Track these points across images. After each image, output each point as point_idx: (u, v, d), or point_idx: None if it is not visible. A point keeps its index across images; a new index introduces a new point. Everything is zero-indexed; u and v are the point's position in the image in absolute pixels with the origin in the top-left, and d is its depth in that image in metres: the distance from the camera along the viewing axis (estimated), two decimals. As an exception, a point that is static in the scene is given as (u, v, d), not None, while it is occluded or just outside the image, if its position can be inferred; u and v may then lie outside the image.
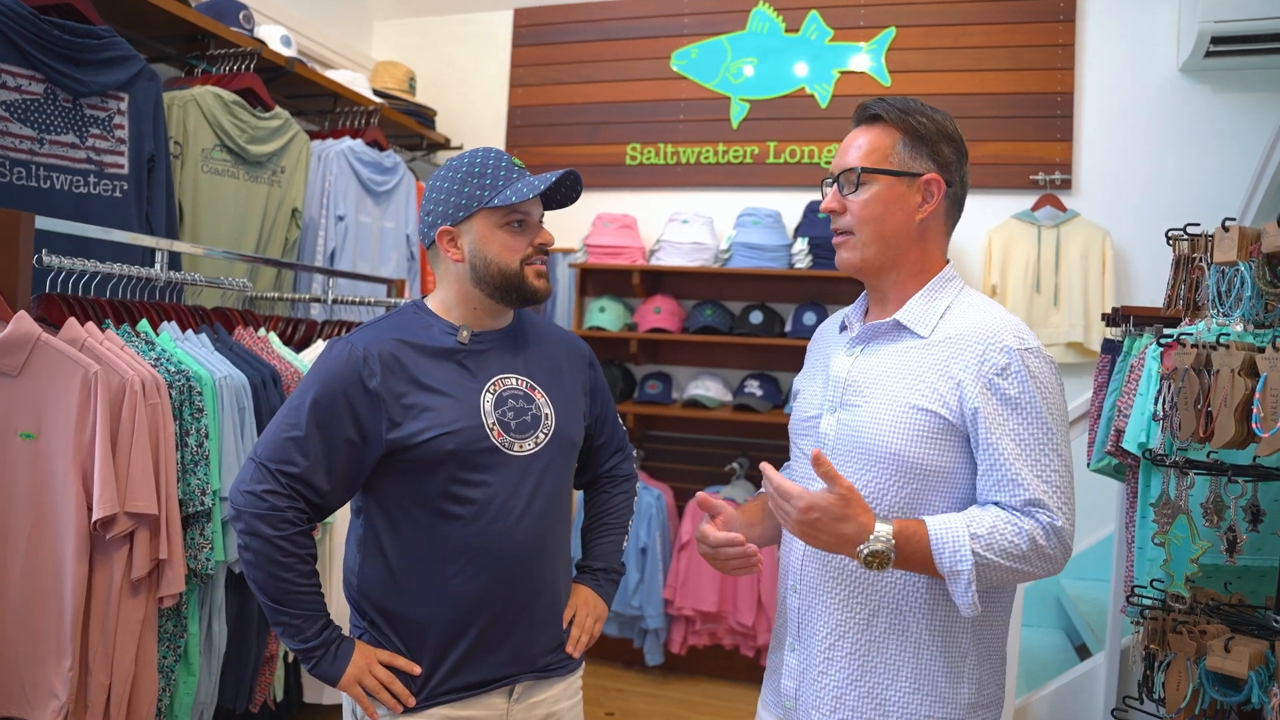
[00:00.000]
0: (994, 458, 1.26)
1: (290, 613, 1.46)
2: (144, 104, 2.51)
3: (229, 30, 2.94)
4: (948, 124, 1.39)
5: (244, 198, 2.92)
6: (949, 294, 1.39)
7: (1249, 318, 1.54)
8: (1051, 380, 1.29)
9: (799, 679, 1.42)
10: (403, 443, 1.46)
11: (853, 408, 1.37)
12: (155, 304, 2.25)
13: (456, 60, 4.52)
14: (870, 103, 1.41)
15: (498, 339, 1.59)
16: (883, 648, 1.33)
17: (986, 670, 1.35)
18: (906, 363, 1.35)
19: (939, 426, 1.29)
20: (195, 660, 2.10)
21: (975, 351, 1.29)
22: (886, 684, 1.32)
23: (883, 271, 1.40)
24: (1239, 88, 3.49)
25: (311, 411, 1.45)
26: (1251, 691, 1.48)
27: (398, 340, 1.52)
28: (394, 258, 3.60)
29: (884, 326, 1.39)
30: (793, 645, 1.43)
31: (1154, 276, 3.54)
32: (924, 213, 1.37)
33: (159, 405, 1.93)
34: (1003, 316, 1.34)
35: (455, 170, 1.54)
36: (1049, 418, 1.27)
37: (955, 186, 1.40)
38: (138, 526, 1.87)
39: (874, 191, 1.36)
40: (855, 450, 1.35)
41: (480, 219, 1.52)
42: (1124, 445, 2.09)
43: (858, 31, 3.96)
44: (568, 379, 1.67)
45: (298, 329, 2.74)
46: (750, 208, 3.92)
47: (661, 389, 4.05)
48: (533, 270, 1.54)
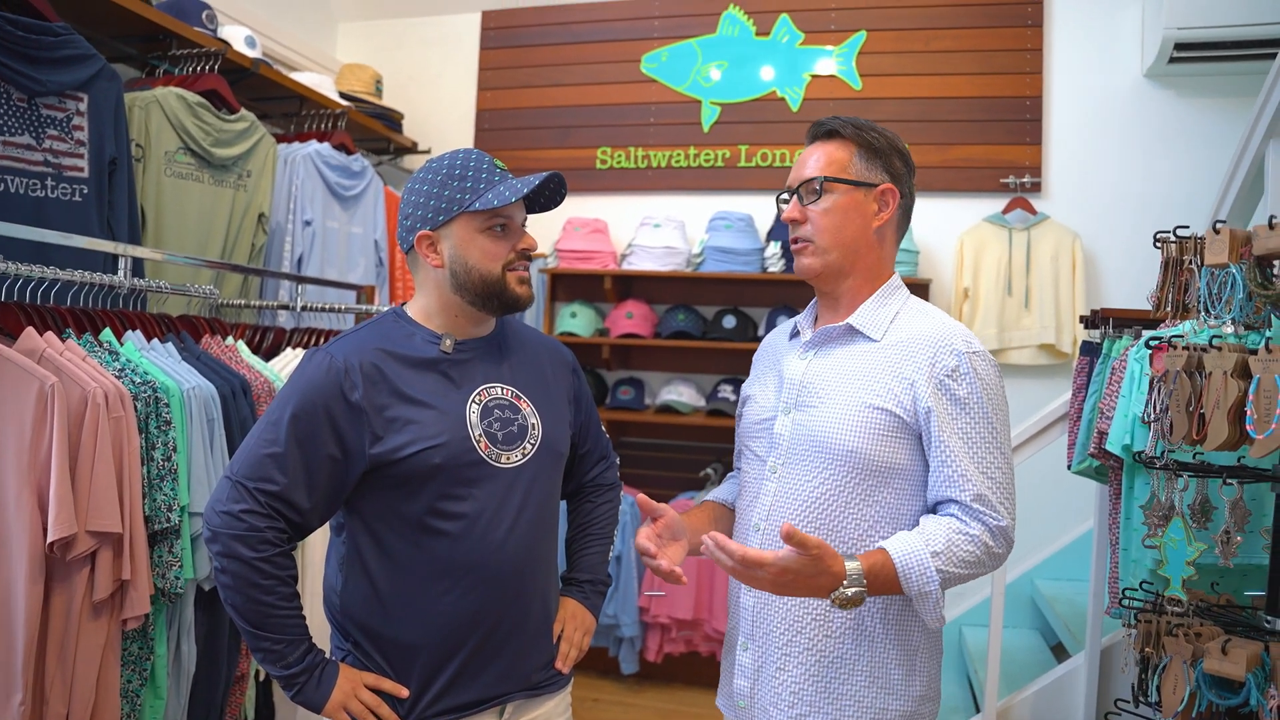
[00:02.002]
0: (944, 455, 1.34)
1: (271, 638, 1.39)
2: (104, 105, 2.42)
3: (191, 30, 2.85)
4: (897, 140, 1.49)
5: (209, 202, 2.83)
6: (897, 300, 1.47)
7: (1239, 320, 1.54)
8: (996, 383, 1.38)
9: (754, 677, 1.43)
10: (386, 457, 1.41)
11: (808, 408, 1.42)
12: (119, 312, 2.16)
13: (423, 63, 4.45)
14: (826, 120, 1.49)
15: (481, 347, 1.54)
16: (839, 643, 1.37)
17: (935, 664, 1.43)
18: (860, 364, 1.41)
19: (894, 425, 1.36)
20: (163, 683, 2.02)
21: (927, 354, 1.37)
22: (844, 678, 1.37)
23: (840, 276, 1.46)
24: (1202, 93, 3.55)
25: (291, 426, 1.39)
26: (1249, 694, 1.48)
27: (379, 350, 1.46)
28: (362, 263, 3.53)
29: (837, 330, 1.45)
30: (745, 644, 1.45)
31: (1123, 278, 3.59)
32: (880, 220, 1.45)
33: (123, 418, 1.84)
34: (949, 322, 1.43)
35: (435, 172, 1.48)
36: (993, 417, 1.36)
37: (906, 197, 1.49)
38: (100, 546, 1.78)
39: (834, 200, 1.43)
40: (811, 448, 1.40)
41: (461, 223, 1.46)
42: (1107, 447, 2.09)
43: (828, 35, 3.97)
44: (553, 387, 1.62)
45: (266, 337, 2.65)
46: (722, 211, 3.91)
47: (634, 395, 4.02)
48: (515, 276, 1.49)
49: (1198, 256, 1.62)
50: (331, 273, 3.33)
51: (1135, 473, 2.05)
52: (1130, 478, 2.07)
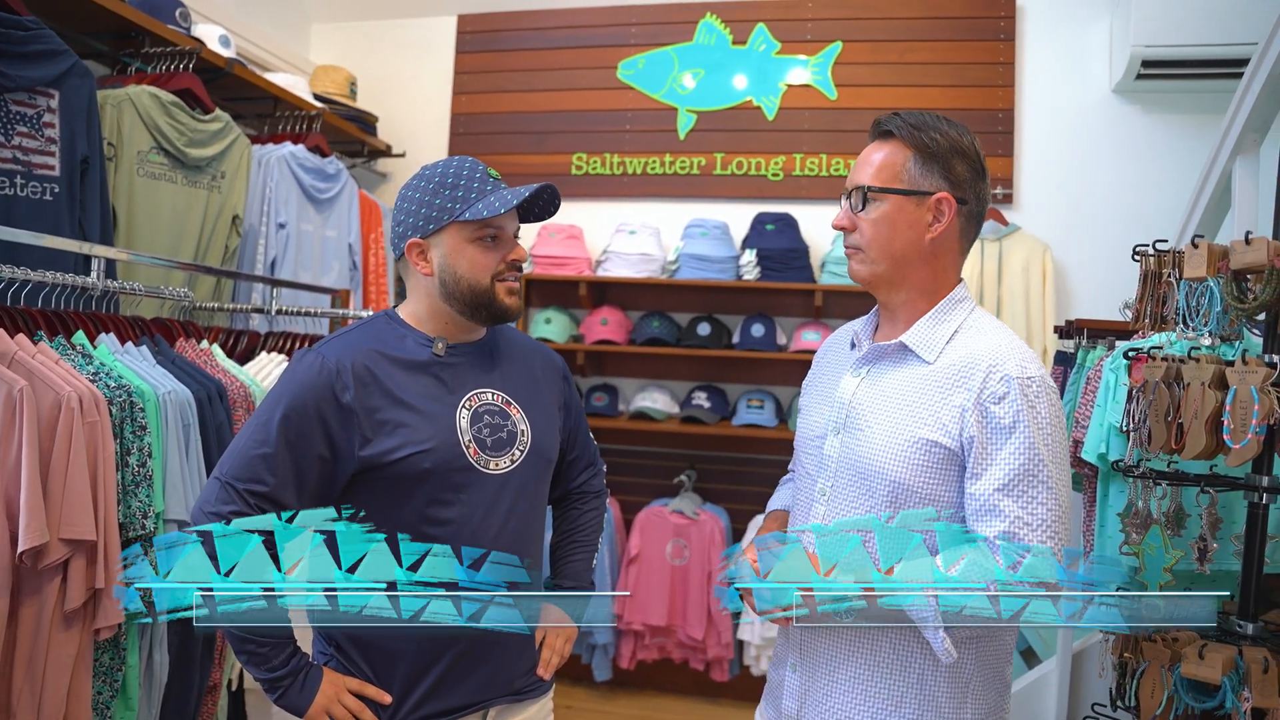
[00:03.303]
0: (977, 485, 1.26)
1: (256, 641, 1.38)
2: (76, 102, 2.37)
3: (165, 28, 2.80)
4: (963, 139, 1.36)
5: (182, 203, 2.78)
6: (958, 315, 1.38)
7: (1216, 332, 1.58)
8: (1049, 411, 1.27)
9: (801, 700, 1.41)
10: (376, 460, 1.40)
11: (856, 430, 1.37)
12: (91, 314, 2.12)
13: (398, 66, 4.42)
14: (884, 118, 1.40)
15: (473, 352, 1.55)
16: (887, 674, 1.33)
17: (994, 693, 1.35)
18: (911, 390, 1.34)
19: (942, 457, 1.29)
20: (134, 694, 1.98)
21: (978, 379, 1.28)
22: (891, 709, 1.32)
23: (892, 288, 1.40)
24: (1169, 109, 3.64)
25: (281, 426, 1.38)
26: (1225, 697, 1.51)
27: (370, 352, 1.46)
28: (336, 267, 3.49)
29: (890, 348, 1.39)
30: (795, 666, 1.43)
31: (1093, 289, 3.65)
32: (934, 232, 1.35)
33: (98, 423, 1.81)
34: (1008, 342, 1.32)
35: (427, 180, 1.49)
36: (1041, 448, 1.24)
37: (970, 204, 1.37)
38: (73, 554, 1.74)
39: (883, 210, 1.35)
40: (855, 475, 1.35)
41: (451, 232, 1.47)
42: (1082, 456, 2.13)
43: (805, 45, 4.00)
44: (543, 393, 1.63)
45: (240, 340, 2.62)
46: (698, 219, 3.92)
47: (608, 401, 4.01)
48: (504, 287, 1.50)
49: (1176, 270, 1.66)
50: (305, 276, 3.29)
51: (1110, 481, 2.09)
52: (1105, 485, 2.11)
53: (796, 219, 3.82)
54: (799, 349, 3.72)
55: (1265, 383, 1.48)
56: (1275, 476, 1.62)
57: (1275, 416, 1.47)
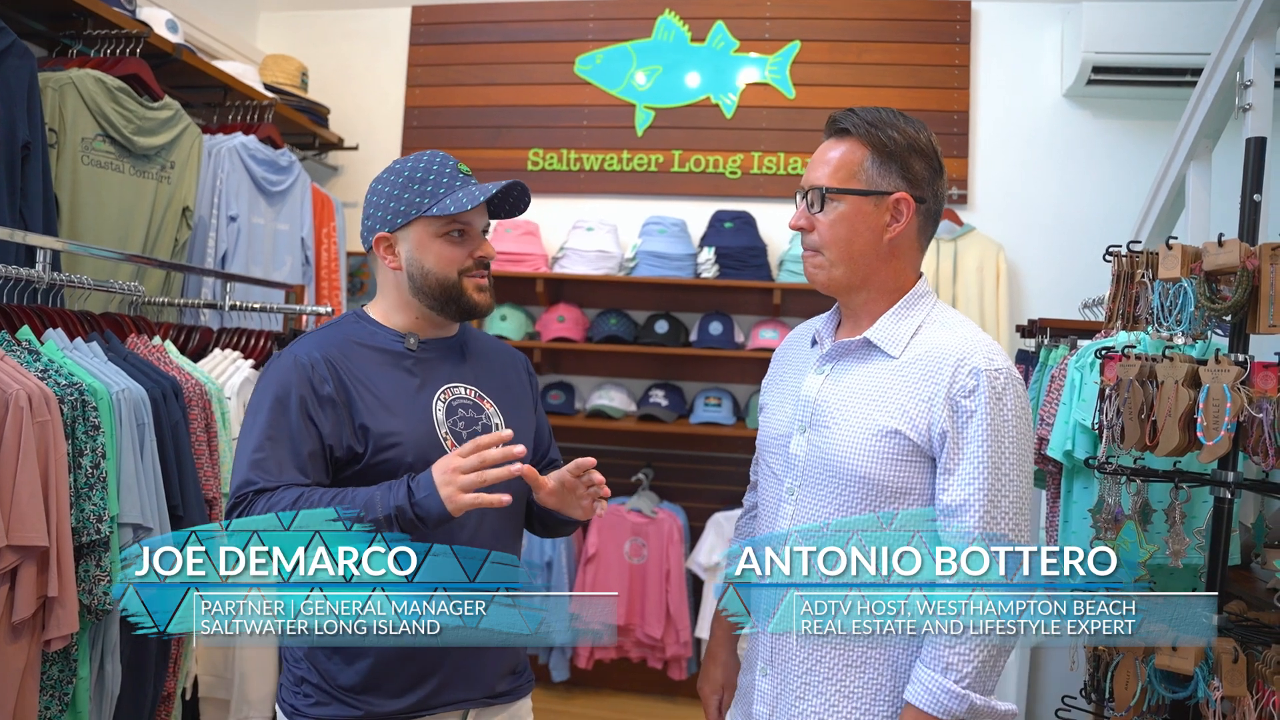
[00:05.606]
0: (948, 481, 1.26)
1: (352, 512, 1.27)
2: (15, 84, 2.25)
3: (110, 9, 2.68)
4: (920, 136, 1.34)
5: (130, 193, 2.67)
6: (921, 311, 1.37)
7: (1189, 332, 1.61)
8: (1016, 404, 1.27)
9: (773, 704, 1.38)
10: (360, 450, 1.40)
11: (822, 428, 1.35)
12: (37, 308, 2.01)
13: (349, 57, 4.31)
14: (839, 115, 1.37)
15: (444, 347, 1.54)
16: (861, 672, 1.31)
17: None
18: (876, 383, 1.33)
19: (907, 449, 1.28)
20: (84, 708, 1.88)
21: (946, 373, 1.28)
22: (865, 708, 1.30)
23: (852, 290, 1.38)
24: (1119, 115, 3.74)
25: (270, 428, 1.37)
26: (1197, 687, 1.55)
27: (343, 345, 1.46)
28: (288, 262, 3.39)
29: (854, 344, 1.37)
30: (764, 669, 1.40)
31: (1045, 288, 3.74)
32: (893, 232, 1.33)
33: (49, 422, 1.72)
34: (974, 335, 1.32)
35: (397, 174, 1.49)
36: (1007, 441, 1.25)
37: (929, 202, 1.36)
38: (23, 561, 1.65)
39: (840, 211, 1.33)
40: (823, 473, 1.34)
41: (418, 227, 1.46)
42: (1048, 453, 2.17)
43: (763, 44, 4.01)
44: (515, 390, 1.62)
45: (192, 337, 2.52)
46: (655, 216, 3.90)
47: (564, 399, 3.97)
48: (473, 283, 1.49)
49: (1149, 270, 1.69)
50: (257, 270, 3.19)
51: (1074, 478, 2.13)
52: (1069, 482, 2.15)
53: (755, 217, 3.83)
54: (757, 347, 3.72)
55: (1236, 381, 1.52)
56: (1240, 472, 1.67)
57: (1245, 414, 1.51)
